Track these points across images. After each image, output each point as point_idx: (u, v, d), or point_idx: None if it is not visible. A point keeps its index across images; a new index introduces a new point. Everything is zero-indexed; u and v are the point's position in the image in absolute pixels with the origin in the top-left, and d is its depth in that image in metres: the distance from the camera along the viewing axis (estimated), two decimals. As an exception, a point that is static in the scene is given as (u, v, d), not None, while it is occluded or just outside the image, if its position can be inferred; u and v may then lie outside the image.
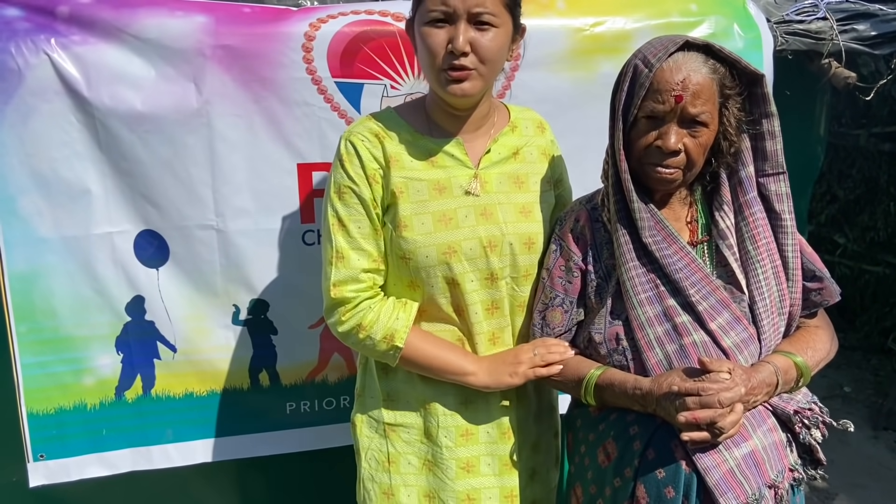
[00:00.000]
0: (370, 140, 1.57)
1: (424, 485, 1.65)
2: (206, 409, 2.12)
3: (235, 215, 2.01)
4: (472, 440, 1.64)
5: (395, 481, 1.65)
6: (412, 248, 1.55)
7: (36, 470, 2.02)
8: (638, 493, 1.42)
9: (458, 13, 1.45)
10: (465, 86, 1.49)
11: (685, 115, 1.40)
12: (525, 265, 1.62)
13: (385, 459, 1.66)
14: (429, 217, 1.56)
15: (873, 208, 4.99)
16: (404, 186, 1.56)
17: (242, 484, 2.27)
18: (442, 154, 1.60)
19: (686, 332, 1.46)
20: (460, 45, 1.44)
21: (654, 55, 1.41)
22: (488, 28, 1.47)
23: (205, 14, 1.93)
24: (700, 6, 2.18)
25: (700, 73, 1.39)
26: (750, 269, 1.50)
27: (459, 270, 1.57)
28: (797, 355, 1.48)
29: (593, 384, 1.50)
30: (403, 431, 1.65)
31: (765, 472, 1.40)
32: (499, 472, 1.66)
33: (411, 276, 1.59)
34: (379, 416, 1.67)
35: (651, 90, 1.41)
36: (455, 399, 1.63)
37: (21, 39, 1.83)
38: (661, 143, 1.42)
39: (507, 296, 1.63)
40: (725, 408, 1.33)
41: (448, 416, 1.63)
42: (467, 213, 1.57)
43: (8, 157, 1.87)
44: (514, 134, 1.68)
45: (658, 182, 1.48)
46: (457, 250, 1.55)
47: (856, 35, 2.27)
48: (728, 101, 1.44)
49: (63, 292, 1.97)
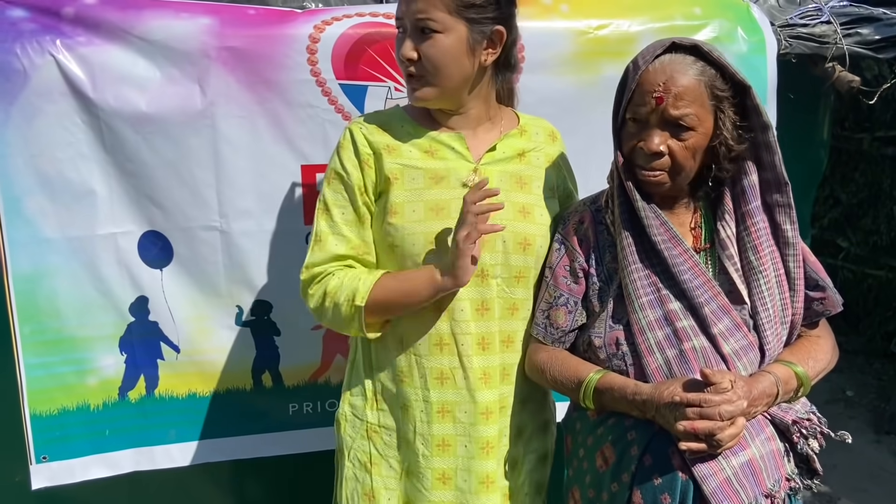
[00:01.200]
0: (368, 128, 1.59)
1: (403, 492, 1.63)
2: (209, 409, 2.12)
3: (239, 216, 2.01)
4: (448, 452, 1.59)
5: (376, 484, 1.63)
6: (400, 235, 1.54)
7: (39, 472, 2.01)
8: (634, 499, 1.41)
9: (405, 23, 1.52)
10: (417, 93, 1.54)
11: (667, 116, 1.40)
12: (517, 265, 1.59)
13: (367, 461, 1.64)
14: (421, 205, 1.55)
15: (876, 212, 4.99)
16: (399, 173, 1.56)
17: (245, 485, 2.27)
18: (443, 146, 1.60)
19: (686, 336, 1.45)
20: (402, 53, 1.51)
21: (643, 57, 1.42)
22: (431, 34, 1.50)
23: (210, 16, 1.93)
24: (704, 10, 2.18)
25: (686, 75, 1.39)
26: (752, 278, 1.49)
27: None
28: (798, 365, 1.47)
29: (592, 388, 1.48)
30: (385, 434, 1.63)
31: (762, 481, 1.39)
32: (474, 490, 1.59)
33: (398, 266, 1.57)
34: (363, 416, 1.65)
35: (637, 92, 1.42)
36: (430, 406, 1.58)
37: (27, 40, 1.84)
38: (643, 144, 1.43)
39: (497, 296, 1.58)
40: (725, 421, 1.32)
41: (424, 423, 1.59)
42: (461, 206, 1.52)
43: (13, 158, 1.88)
44: (523, 137, 1.68)
45: (645, 185, 1.47)
46: (445, 240, 1.54)
47: (860, 39, 2.27)
48: (722, 104, 1.42)
49: (67, 293, 1.97)
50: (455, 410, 1.59)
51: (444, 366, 1.58)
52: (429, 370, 1.58)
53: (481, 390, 1.58)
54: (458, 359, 1.58)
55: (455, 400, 1.58)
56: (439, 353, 1.58)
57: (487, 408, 1.59)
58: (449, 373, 1.58)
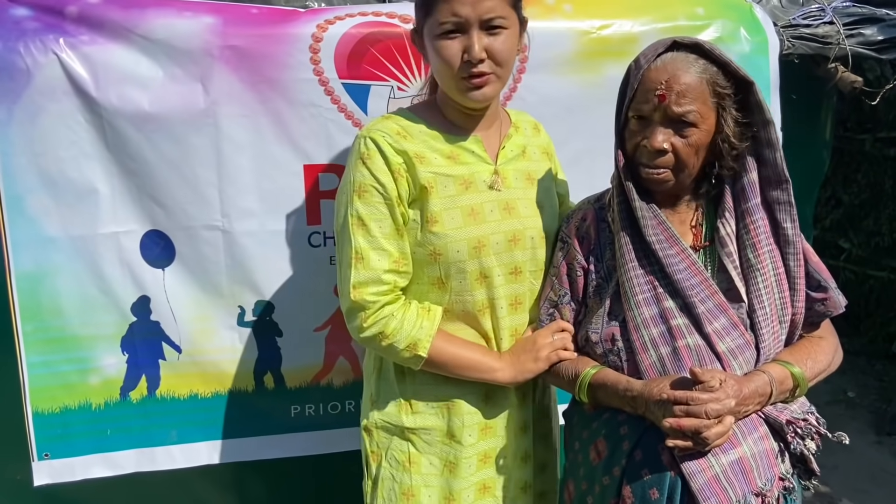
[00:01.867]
0: (392, 136, 1.54)
1: (445, 486, 1.64)
2: (211, 410, 2.12)
3: (241, 216, 2.01)
4: (490, 433, 1.65)
5: (415, 482, 1.63)
6: (443, 242, 1.54)
7: (40, 469, 2.02)
8: (624, 493, 1.43)
9: (471, 22, 1.46)
10: (485, 91, 1.51)
11: (670, 114, 1.41)
12: (542, 259, 1.66)
13: (406, 460, 1.64)
14: (458, 212, 1.56)
15: (878, 213, 4.99)
16: (434, 181, 1.55)
17: (246, 487, 2.27)
18: (463, 151, 1.60)
19: (681, 334, 1.46)
20: (477, 54, 1.46)
21: (645, 56, 1.44)
22: (500, 31, 1.49)
23: (213, 15, 1.93)
24: (707, 10, 2.19)
25: (688, 73, 1.40)
26: (750, 276, 1.49)
27: (489, 265, 1.57)
28: (795, 365, 1.47)
29: (587, 383, 1.52)
30: (424, 433, 1.64)
31: (752, 480, 1.40)
32: (514, 465, 1.69)
33: (440, 274, 1.57)
34: (398, 422, 1.64)
35: (639, 90, 1.44)
36: (477, 396, 1.64)
37: (30, 39, 1.84)
38: (647, 142, 1.44)
39: (528, 290, 1.65)
40: (712, 419, 1.33)
41: (472, 413, 1.63)
42: (492, 208, 1.58)
43: (16, 157, 1.88)
44: (518, 134, 1.71)
45: (649, 182, 1.48)
46: (486, 244, 1.56)
47: (862, 39, 2.27)
48: (724, 102, 1.43)
49: (69, 292, 1.97)
50: (496, 396, 1.66)
51: None
52: None
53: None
54: (498, 350, 1.65)
55: (497, 387, 1.65)
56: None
57: (524, 392, 1.70)
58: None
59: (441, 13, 1.47)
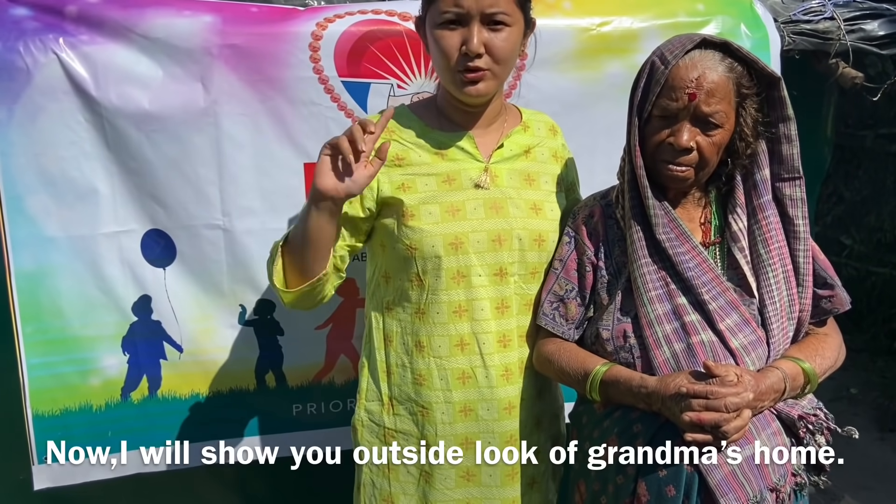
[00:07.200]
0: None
1: (422, 496, 1.62)
2: (212, 410, 2.12)
3: (242, 215, 2.01)
4: (471, 449, 1.59)
5: (394, 489, 1.62)
6: (419, 237, 1.54)
7: (41, 472, 2.01)
8: (639, 491, 1.42)
9: (472, 14, 1.45)
10: (479, 87, 1.49)
11: (698, 113, 1.40)
12: (533, 262, 1.61)
13: (385, 466, 1.63)
14: (437, 207, 1.55)
15: (880, 209, 4.99)
16: (411, 182, 1.55)
17: (247, 486, 2.27)
18: (453, 147, 1.59)
19: (694, 330, 1.45)
20: (474, 47, 1.44)
21: (671, 52, 1.41)
22: (502, 28, 1.47)
23: (212, 14, 1.93)
24: (707, 6, 2.18)
25: (716, 71, 1.39)
26: (761, 272, 1.49)
27: (468, 263, 1.55)
28: (805, 361, 1.47)
29: (599, 380, 1.49)
30: (402, 438, 1.62)
31: (767, 476, 1.40)
32: (500, 483, 1.61)
33: (417, 269, 1.56)
34: (380, 421, 1.64)
35: (666, 87, 1.41)
36: (456, 407, 1.59)
37: (30, 38, 1.84)
38: (674, 140, 1.42)
39: (514, 294, 1.60)
40: (731, 413, 1.32)
41: (447, 424, 1.59)
42: (476, 206, 1.56)
43: (16, 157, 1.88)
44: (527, 133, 1.68)
45: (670, 180, 1.47)
46: (464, 241, 1.54)
47: (863, 35, 2.26)
48: (745, 102, 1.43)
49: (70, 292, 1.97)
50: (477, 408, 1.59)
51: (465, 366, 1.58)
52: (450, 371, 1.58)
53: (503, 386, 1.59)
54: (480, 357, 1.58)
55: (477, 398, 1.59)
56: (460, 353, 1.58)
57: (510, 403, 1.61)
58: (470, 372, 1.58)
59: (444, 2, 1.46)
